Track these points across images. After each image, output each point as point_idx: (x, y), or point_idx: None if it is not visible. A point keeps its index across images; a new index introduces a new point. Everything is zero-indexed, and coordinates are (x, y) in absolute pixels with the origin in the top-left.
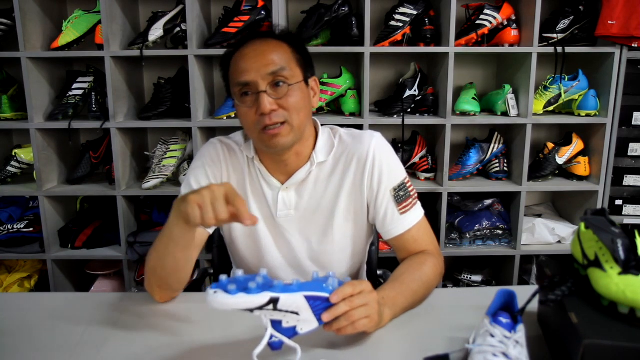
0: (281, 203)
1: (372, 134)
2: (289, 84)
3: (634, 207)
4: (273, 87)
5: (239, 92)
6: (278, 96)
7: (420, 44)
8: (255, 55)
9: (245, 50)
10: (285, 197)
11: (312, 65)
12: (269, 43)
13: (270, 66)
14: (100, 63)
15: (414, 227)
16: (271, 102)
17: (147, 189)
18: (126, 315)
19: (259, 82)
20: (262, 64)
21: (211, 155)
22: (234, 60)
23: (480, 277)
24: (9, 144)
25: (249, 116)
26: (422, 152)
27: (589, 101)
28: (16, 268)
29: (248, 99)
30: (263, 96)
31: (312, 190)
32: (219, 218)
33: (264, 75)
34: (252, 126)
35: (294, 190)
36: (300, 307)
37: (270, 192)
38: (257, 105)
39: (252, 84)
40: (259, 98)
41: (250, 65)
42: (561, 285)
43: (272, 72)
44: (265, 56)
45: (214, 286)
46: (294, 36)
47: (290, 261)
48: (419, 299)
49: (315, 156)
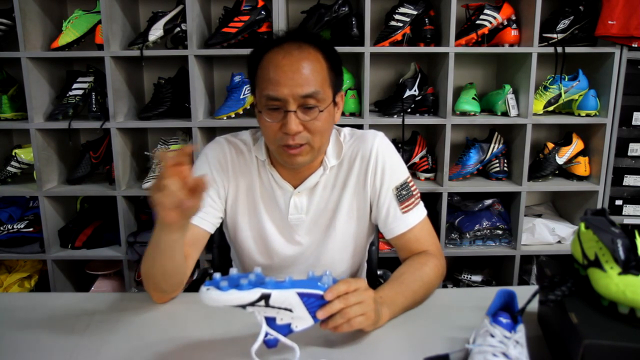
0: (293, 207)
1: (375, 134)
2: (319, 109)
3: (634, 207)
4: (303, 109)
5: (266, 105)
6: (307, 119)
7: (420, 44)
8: (291, 70)
9: (280, 59)
10: (297, 201)
11: (342, 81)
12: (307, 53)
13: (305, 87)
14: (100, 63)
15: (415, 226)
16: (297, 124)
17: (147, 189)
18: (126, 315)
19: (290, 101)
20: (297, 82)
21: (217, 156)
22: (266, 64)
23: (480, 277)
24: (9, 144)
25: (272, 129)
26: (422, 152)
27: (589, 101)
28: (16, 268)
29: (275, 114)
30: (291, 116)
31: (321, 194)
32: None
33: (295, 96)
34: (272, 139)
35: (306, 195)
36: (293, 303)
37: (282, 196)
38: (283, 123)
39: (282, 101)
40: (286, 116)
41: (284, 81)
42: (561, 285)
43: (306, 94)
44: (300, 73)
45: (207, 283)
46: (332, 47)
47: (295, 260)
48: (419, 299)
49: (327, 161)
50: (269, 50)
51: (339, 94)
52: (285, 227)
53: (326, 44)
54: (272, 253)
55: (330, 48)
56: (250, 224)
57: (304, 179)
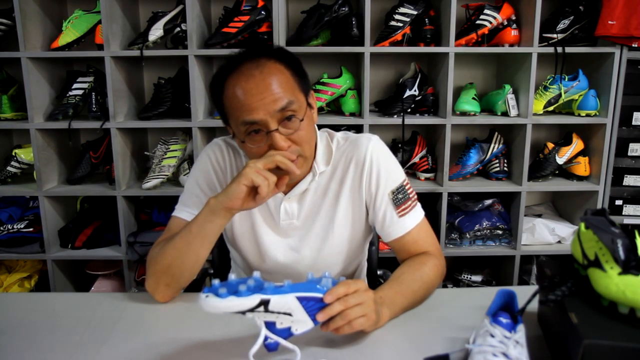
0: (283, 213)
1: (369, 137)
2: (299, 118)
3: (634, 207)
4: (283, 122)
5: (246, 131)
6: (290, 131)
7: (420, 44)
8: (259, 91)
9: (244, 84)
10: (288, 207)
11: (309, 81)
12: (268, 68)
13: (278, 102)
14: (100, 63)
15: (413, 229)
16: (284, 139)
17: (147, 189)
18: (126, 315)
19: (269, 121)
20: (268, 100)
21: (216, 156)
22: (231, 93)
23: (480, 277)
24: (9, 144)
25: (261, 153)
26: (422, 152)
27: (589, 101)
28: (16, 268)
29: (258, 137)
30: (276, 135)
31: (313, 198)
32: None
33: (272, 113)
34: None
35: (296, 201)
36: (293, 308)
37: (273, 202)
38: (270, 145)
39: (261, 123)
40: (270, 137)
41: (256, 103)
42: (561, 285)
43: (281, 108)
44: (269, 90)
45: (206, 290)
46: (285, 51)
47: (291, 263)
48: (418, 299)
49: (316, 167)
50: (228, 76)
51: (309, 95)
52: (279, 232)
53: (281, 51)
54: (267, 257)
55: (286, 53)
56: (246, 227)
57: (292, 186)
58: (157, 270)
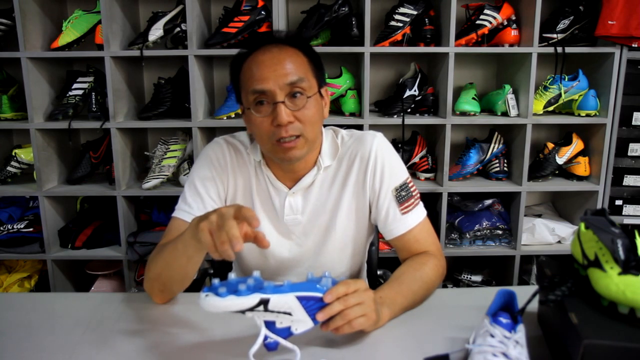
0: (288, 208)
1: (374, 134)
2: (307, 95)
3: (634, 207)
4: (290, 98)
5: (254, 100)
6: (296, 108)
7: (420, 44)
8: (273, 63)
9: (261, 57)
10: (292, 202)
11: (325, 75)
12: (286, 50)
13: (289, 76)
14: (100, 63)
15: (415, 227)
16: (288, 114)
17: (147, 189)
18: (126, 315)
19: (277, 92)
20: (280, 73)
21: (217, 155)
22: (247, 66)
23: (480, 277)
24: (9, 144)
25: (263, 126)
26: (422, 152)
27: (589, 101)
28: (16, 268)
29: (263, 108)
30: (281, 107)
31: (318, 194)
32: (232, 243)
33: (282, 85)
34: (265, 137)
35: (301, 195)
36: (292, 307)
37: (277, 197)
38: (274, 116)
39: (269, 93)
40: (275, 109)
41: (268, 74)
42: (561, 285)
43: (291, 82)
44: (283, 65)
45: (205, 290)
46: (309, 44)
47: (294, 262)
48: (419, 299)
49: (321, 161)
50: (250, 53)
51: (324, 89)
52: (282, 228)
53: (304, 42)
54: (269, 255)
55: (308, 46)
56: None
57: (298, 180)
58: (150, 276)
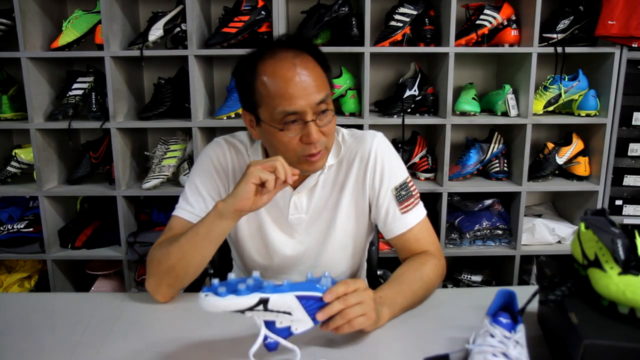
0: (293, 207)
1: (374, 134)
2: (331, 110)
3: (634, 207)
4: (319, 114)
5: (282, 120)
6: (323, 125)
7: (420, 44)
8: (301, 79)
9: (285, 71)
10: (297, 201)
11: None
12: (306, 61)
13: (318, 95)
14: (100, 63)
15: (415, 226)
16: (318, 132)
17: (147, 189)
18: (126, 315)
19: (308, 112)
20: (310, 92)
21: (217, 155)
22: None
23: (480, 277)
24: (9, 144)
25: (292, 144)
26: (422, 152)
27: (589, 101)
28: (16, 268)
29: (294, 127)
30: (312, 126)
31: (321, 193)
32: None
33: (312, 105)
34: (292, 152)
35: (305, 195)
36: (292, 307)
37: (282, 197)
38: (304, 134)
39: (301, 113)
40: (306, 127)
41: (299, 93)
42: (561, 285)
43: (320, 101)
44: (310, 82)
45: (205, 289)
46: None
47: (297, 260)
48: (418, 298)
49: None
50: (262, 61)
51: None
52: (286, 226)
53: (313, 45)
54: (272, 253)
55: (316, 48)
56: (249, 224)
57: (302, 179)
58: (160, 270)
